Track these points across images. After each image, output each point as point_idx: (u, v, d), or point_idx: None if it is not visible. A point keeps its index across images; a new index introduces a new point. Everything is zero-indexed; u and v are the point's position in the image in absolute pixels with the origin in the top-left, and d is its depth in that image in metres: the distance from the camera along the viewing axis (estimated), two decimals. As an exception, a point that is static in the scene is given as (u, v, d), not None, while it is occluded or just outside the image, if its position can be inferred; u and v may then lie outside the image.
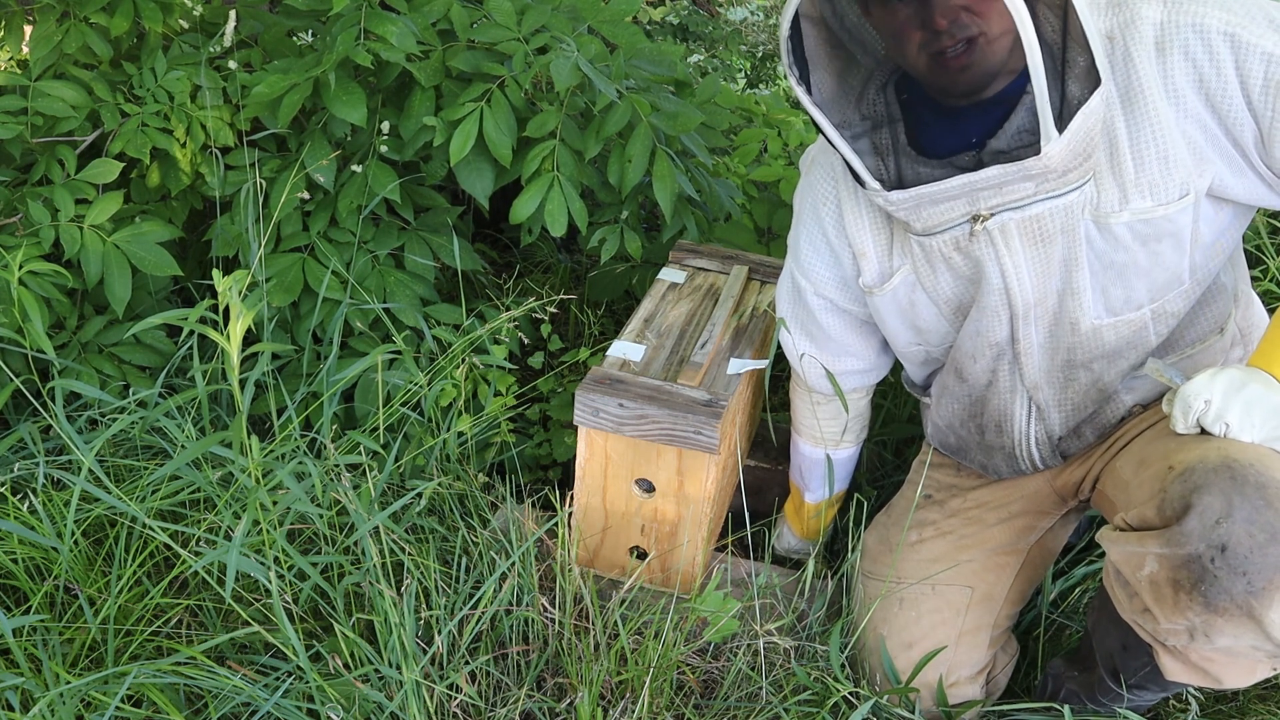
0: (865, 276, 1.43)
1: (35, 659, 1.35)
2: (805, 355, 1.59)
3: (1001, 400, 1.45)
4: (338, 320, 1.77)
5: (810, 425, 1.70)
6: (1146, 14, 1.19)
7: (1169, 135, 1.20)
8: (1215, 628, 1.13)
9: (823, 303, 1.52)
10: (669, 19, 4.50)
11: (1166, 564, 1.14)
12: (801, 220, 1.50)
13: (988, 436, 1.51)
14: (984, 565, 1.50)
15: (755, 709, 1.43)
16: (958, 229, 1.30)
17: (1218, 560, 1.10)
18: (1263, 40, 1.15)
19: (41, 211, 1.75)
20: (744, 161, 2.47)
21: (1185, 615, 1.14)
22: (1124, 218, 1.23)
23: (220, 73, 1.95)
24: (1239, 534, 1.10)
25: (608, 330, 2.33)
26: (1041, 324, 1.34)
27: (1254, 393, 1.17)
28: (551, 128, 1.86)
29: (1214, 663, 1.21)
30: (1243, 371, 1.19)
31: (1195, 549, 1.11)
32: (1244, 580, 1.09)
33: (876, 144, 1.32)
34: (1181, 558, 1.13)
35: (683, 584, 1.60)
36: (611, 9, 2.02)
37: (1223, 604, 1.11)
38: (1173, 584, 1.14)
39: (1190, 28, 1.17)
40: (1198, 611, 1.12)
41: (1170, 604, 1.15)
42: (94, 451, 1.37)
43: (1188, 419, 1.20)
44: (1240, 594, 1.10)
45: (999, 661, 1.51)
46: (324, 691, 1.29)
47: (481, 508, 1.68)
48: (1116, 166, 1.23)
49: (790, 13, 1.22)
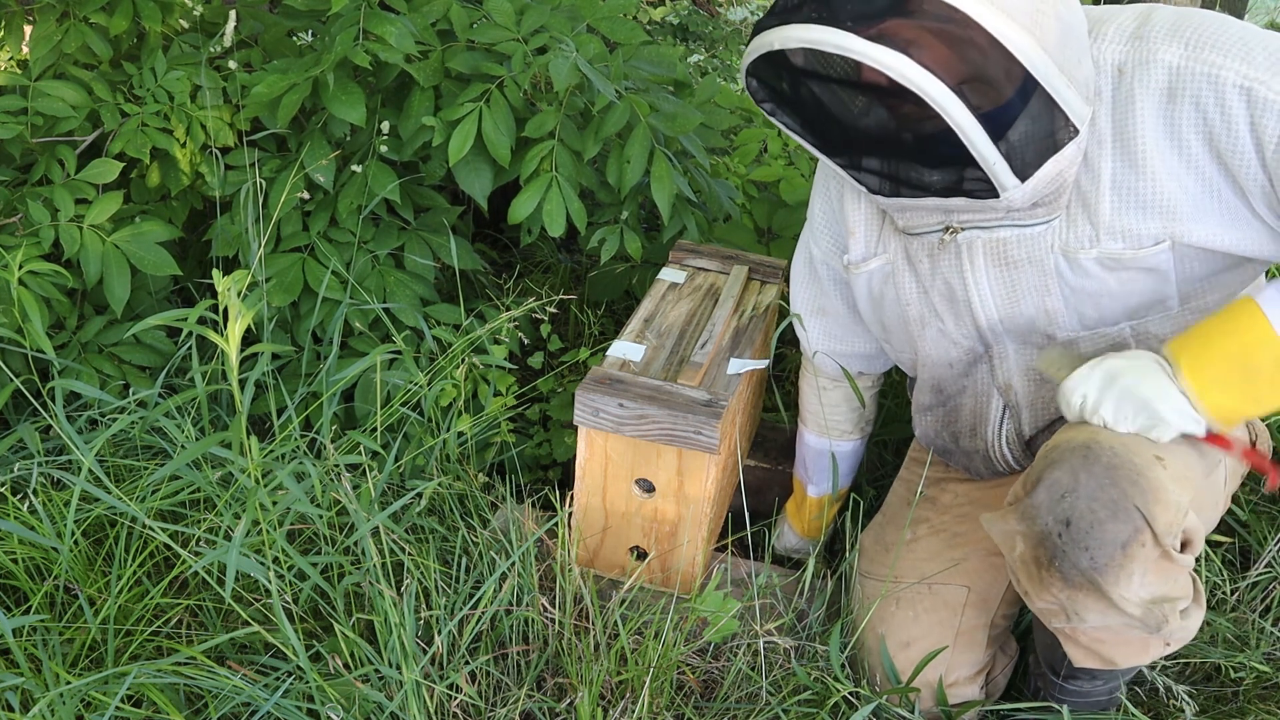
0: (850, 253, 1.47)
1: (35, 659, 1.35)
2: (820, 337, 1.61)
3: (977, 403, 1.47)
4: (338, 320, 1.77)
5: (816, 413, 1.71)
6: (1163, 57, 1.15)
7: (1157, 182, 1.17)
8: (1079, 604, 1.15)
9: (829, 271, 1.56)
10: (669, 19, 4.50)
11: (1028, 541, 1.17)
12: (816, 188, 1.54)
13: (963, 442, 1.54)
14: (980, 564, 1.50)
15: (755, 709, 1.43)
16: (934, 235, 1.33)
17: (1064, 535, 1.13)
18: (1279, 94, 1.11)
19: (41, 211, 1.75)
20: (744, 161, 2.47)
21: (1051, 592, 1.16)
22: (1093, 254, 1.23)
23: (220, 73, 1.95)
24: (1081, 509, 1.12)
25: (608, 330, 2.33)
26: (1013, 335, 1.36)
27: (1127, 385, 1.17)
28: (550, 128, 1.86)
29: (1103, 644, 1.24)
30: (1125, 360, 1.19)
31: (1044, 523, 1.15)
32: (1088, 555, 1.12)
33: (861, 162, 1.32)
34: (1037, 534, 1.16)
35: (683, 584, 1.60)
36: (610, 7, 2.02)
37: (1076, 579, 1.14)
38: (1035, 561, 1.17)
39: (1205, 78, 1.12)
40: (1060, 588, 1.15)
41: (1038, 581, 1.18)
42: (94, 451, 1.37)
43: (1071, 414, 1.23)
44: (1086, 569, 1.12)
45: (998, 662, 1.51)
46: (324, 691, 1.29)
47: (481, 508, 1.68)
48: (1093, 205, 1.21)
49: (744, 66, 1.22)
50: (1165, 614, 1.14)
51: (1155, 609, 1.14)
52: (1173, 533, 1.12)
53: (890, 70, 1.07)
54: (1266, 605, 1.64)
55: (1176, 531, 1.12)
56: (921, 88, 1.07)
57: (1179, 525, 1.13)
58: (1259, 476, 1.78)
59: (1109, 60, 1.19)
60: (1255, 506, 1.77)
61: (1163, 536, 1.11)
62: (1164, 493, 1.12)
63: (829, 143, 1.29)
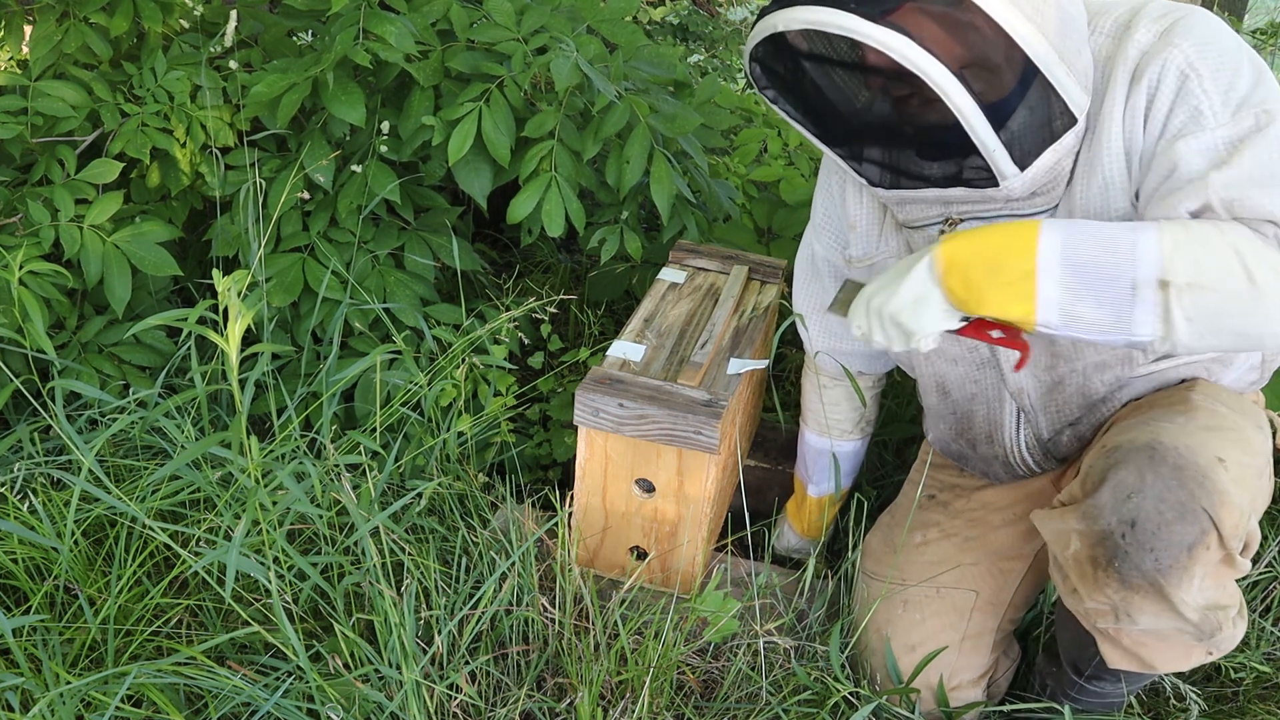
0: (851, 247, 1.47)
1: (35, 659, 1.35)
2: (821, 335, 1.61)
3: (990, 410, 1.47)
4: (338, 320, 1.77)
5: (817, 411, 1.71)
6: (1137, 38, 1.16)
7: (1114, 162, 1.18)
8: (1134, 605, 1.14)
9: (831, 268, 1.57)
10: (669, 19, 4.50)
11: (1085, 541, 1.16)
12: (819, 186, 1.55)
13: (979, 448, 1.54)
14: (989, 569, 1.50)
15: (755, 709, 1.43)
16: (934, 227, 1.33)
17: (1128, 536, 1.12)
18: (1209, 99, 1.11)
19: (41, 211, 1.75)
20: (744, 161, 2.47)
21: (1105, 592, 1.15)
22: None
23: (220, 73, 1.95)
24: (1148, 510, 1.11)
25: (608, 330, 2.33)
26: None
27: (880, 306, 1.20)
28: (550, 128, 1.86)
29: (1146, 647, 1.23)
30: (885, 277, 1.21)
31: (1107, 523, 1.13)
32: (1152, 557, 1.11)
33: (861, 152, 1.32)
34: (1097, 533, 1.15)
35: (683, 584, 1.60)
36: (610, 8, 2.02)
37: (1135, 580, 1.12)
38: (1091, 561, 1.16)
39: (1160, 59, 1.13)
40: (1115, 588, 1.14)
41: (1091, 581, 1.16)
42: (94, 451, 1.37)
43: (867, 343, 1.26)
44: (1149, 570, 1.11)
45: (1000, 666, 1.50)
46: (324, 691, 1.29)
47: (481, 508, 1.68)
48: (1068, 189, 1.23)
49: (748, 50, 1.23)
50: (1219, 621, 1.14)
51: (1211, 615, 1.13)
52: (1238, 536, 1.11)
53: (893, 52, 1.07)
54: (1266, 605, 1.64)
55: (1241, 534, 1.12)
56: (924, 70, 1.07)
57: (1244, 528, 1.12)
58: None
59: (1101, 52, 1.19)
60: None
61: (1228, 539, 1.10)
62: (1228, 495, 1.11)
63: (830, 132, 1.29)
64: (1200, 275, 1.05)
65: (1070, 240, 1.09)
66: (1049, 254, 1.09)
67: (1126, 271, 1.07)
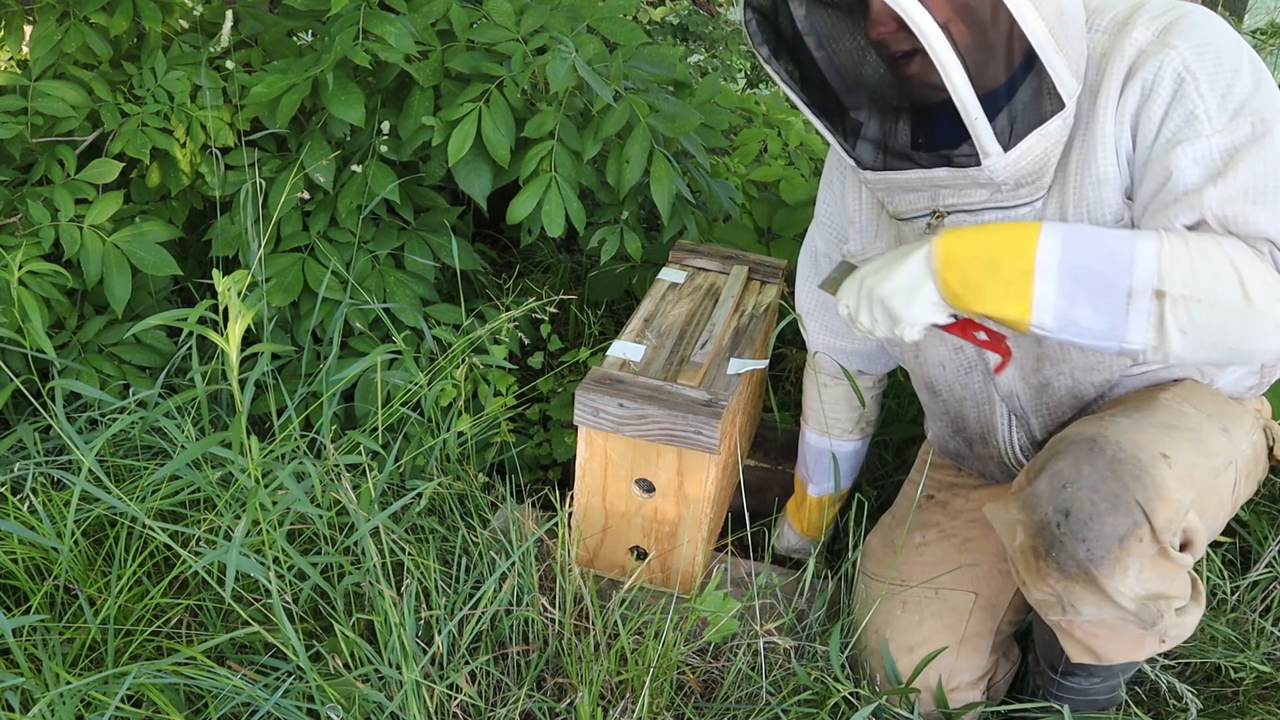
0: (849, 242, 1.48)
1: (35, 659, 1.35)
2: (821, 335, 1.61)
3: (981, 413, 1.47)
4: (338, 320, 1.77)
5: (816, 410, 1.71)
6: (1135, 35, 1.16)
7: (1107, 157, 1.18)
8: (1074, 595, 1.15)
9: (831, 264, 1.57)
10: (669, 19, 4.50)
11: (1027, 531, 1.17)
12: (823, 181, 1.56)
13: (975, 448, 1.54)
14: (989, 570, 1.50)
15: (755, 709, 1.43)
16: (922, 220, 1.33)
17: (1062, 525, 1.13)
18: (1204, 103, 1.11)
19: (41, 211, 1.75)
20: (744, 161, 2.47)
21: (1047, 582, 1.16)
22: None
23: (220, 73, 1.95)
24: (1082, 500, 1.12)
25: (608, 330, 2.33)
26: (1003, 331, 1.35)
27: (871, 288, 1.20)
28: (550, 128, 1.86)
29: (1098, 638, 1.24)
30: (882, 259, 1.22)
31: (1044, 513, 1.15)
32: (1084, 546, 1.12)
33: (854, 125, 1.33)
34: (1036, 523, 1.16)
35: (683, 584, 1.60)
36: (610, 7, 2.02)
37: (1071, 569, 1.14)
38: (1034, 551, 1.17)
39: (1156, 59, 1.13)
40: (1056, 578, 1.15)
41: (1035, 571, 1.18)
42: (94, 451, 1.37)
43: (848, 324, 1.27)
44: (1083, 560, 1.12)
45: (1000, 667, 1.50)
46: (324, 691, 1.29)
47: (481, 508, 1.68)
48: (1063, 185, 1.22)
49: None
50: (1160, 610, 1.14)
51: (1150, 605, 1.14)
52: (1172, 530, 1.12)
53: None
54: (1266, 605, 1.64)
55: (1176, 529, 1.12)
56: (908, 13, 1.07)
57: (1179, 523, 1.12)
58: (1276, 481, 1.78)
59: (1097, 48, 1.19)
60: (1255, 506, 1.77)
61: (1161, 533, 1.11)
62: (1166, 490, 1.11)
63: (821, 97, 1.29)
64: (1196, 288, 1.05)
65: (1070, 243, 1.10)
66: (1047, 256, 1.09)
67: (1123, 278, 1.07)
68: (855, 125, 1.32)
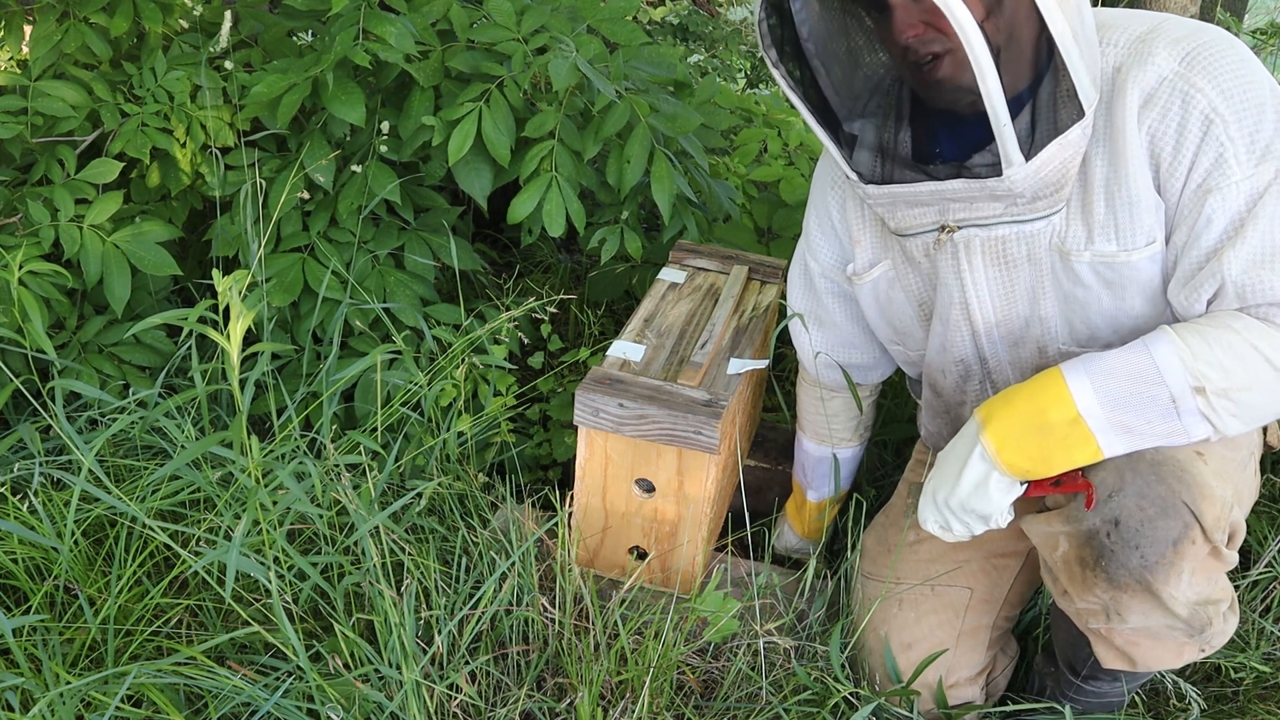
0: (855, 263, 1.46)
1: (35, 659, 1.35)
2: (816, 349, 1.61)
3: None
4: (338, 320, 1.77)
5: (815, 421, 1.70)
6: (1159, 61, 1.15)
7: (1142, 180, 1.17)
8: (1123, 604, 1.15)
9: (828, 284, 1.54)
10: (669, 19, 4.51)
11: (1072, 542, 1.18)
12: (812, 200, 1.52)
13: None
14: (983, 566, 1.50)
15: (755, 709, 1.43)
16: (928, 235, 1.31)
17: (1112, 535, 1.13)
18: (1234, 145, 1.11)
19: (41, 211, 1.75)
20: (744, 161, 2.47)
21: (1094, 593, 1.16)
22: (1086, 258, 1.22)
23: (220, 73, 1.95)
24: (1130, 507, 1.12)
25: (608, 330, 2.33)
26: (1006, 343, 1.35)
27: (947, 500, 1.26)
28: (550, 128, 1.86)
29: (1138, 646, 1.23)
30: (937, 475, 1.27)
31: (1092, 523, 1.15)
32: (1138, 554, 1.12)
33: (858, 136, 1.30)
34: (1083, 534, 1.16)
35: (683, 584, 1.60)
36: (610, 8, 2.02)
37: (1122, 579, 1.13)
38: (1080, 561, 1.17)
39: (1181, 94, 1.13)
40: (1104, 588, 1.15)
41: (1080, 582, 1.18)
42: (94, 451, 1.37)
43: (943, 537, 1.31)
44: (1136, 568, 1.12)
45: (999, 664, 1.51)
46: (324, 691, 1.29)
47: (481, 508, 1.68)
48: (1086, 204, 1.21)
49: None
50: (1209, 616, 1.14)
51: (1201, 610, 1.14)
52: (1220, 528, 1.12)
53: None
54: (1266, 605, 1.64)
55: (1224, 527, 1.12)
56: (950, 9, 1.05)
57: (1226, 520, 1.13)
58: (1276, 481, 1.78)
59: (1110, 63, 1.18)
60: (1255, 506, 1.77)
61: (1211, 532, 1.11)
62: (1208, 488, 1.12)
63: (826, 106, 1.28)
64: (1231, 379, 1.09)
65: (1097, 380, 1.14)
66: (1085, 398, 1.14)
67: (1161, 391, 1.11)
68: (862, 136, 1.30)
